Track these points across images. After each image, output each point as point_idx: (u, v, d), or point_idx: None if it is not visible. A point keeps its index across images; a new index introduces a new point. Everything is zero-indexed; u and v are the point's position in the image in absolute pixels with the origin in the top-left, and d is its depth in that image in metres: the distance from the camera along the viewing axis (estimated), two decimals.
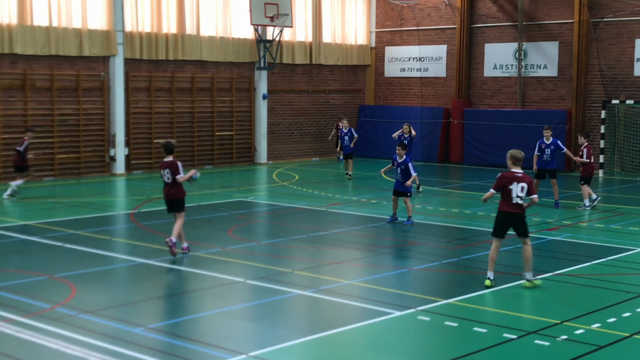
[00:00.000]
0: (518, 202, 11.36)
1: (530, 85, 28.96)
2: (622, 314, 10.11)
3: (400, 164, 16.55)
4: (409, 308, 10.29)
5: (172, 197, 13.29)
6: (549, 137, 19.29)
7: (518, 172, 11.42)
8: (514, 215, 11.43)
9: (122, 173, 25.15)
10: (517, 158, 11.53)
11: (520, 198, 11.34)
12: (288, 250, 14.39)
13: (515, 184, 11.31)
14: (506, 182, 11.38)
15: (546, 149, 19.29)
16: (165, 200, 13.43)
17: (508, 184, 11.36)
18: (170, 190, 13.28)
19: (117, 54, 24.95)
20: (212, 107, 27.75)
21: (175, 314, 10.21)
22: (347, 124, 25.53)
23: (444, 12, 30.82)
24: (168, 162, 13.19)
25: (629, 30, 26.54)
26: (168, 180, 13.23)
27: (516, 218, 11.46)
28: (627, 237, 15.51)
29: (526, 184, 11.32)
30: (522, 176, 11.37)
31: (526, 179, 11.37)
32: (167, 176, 13.21)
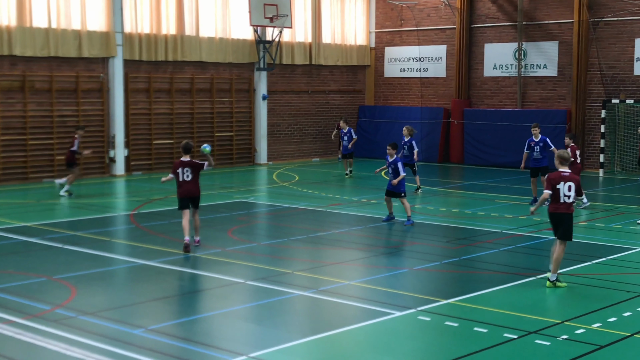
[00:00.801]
0: (566, 201, 11.49)
1: (530, 85, 28.95)
2: (622, 314, 10.10)
3: (391, 163, 16.64)
4: (409, 308, 10.28)
5: (194, 194, 14.00)
6: (537, 134, 19.47)
7: (565, 172, 11.57)
8: (562, 215, 11.55)
9: (122, 174, 25.14)
10: (563, 158, 11.70)
11: (568, 197, 11.48)
12: (288, 251, 14.38)
13: (563, 183, 11.46)
14: (554, 183, 11.51)
15: (535, 147, 19.47)
16: (186, 197, 13.94)
17: (556, 184, 11.49)
18: (192, 188, 13.92)
19: (116, 55, 24.94)
20: (212, 108, 27.74)
21: (175, 315, 10.20)
22: (345, 124, 25.68)
23: (444, 12, 30.81)
24: (188, 162, 13.86)
25: (629, 30, 26.53)
26: (187, 178, 13.83)
27: (563, 218, 11.56)
28: (628, 236, 15.50)
29: (573, 183, 11.46)
30: (569, 175, 11.54)
31: (573, 178, 11.51)
32: (187, 174, 13.81)
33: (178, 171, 13.89)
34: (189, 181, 13.87)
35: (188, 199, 14.00)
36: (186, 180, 13.87)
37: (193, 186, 13.95)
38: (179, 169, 13.87)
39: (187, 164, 13.87)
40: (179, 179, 13.91)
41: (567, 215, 11.52)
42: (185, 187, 13.92)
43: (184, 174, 13.85)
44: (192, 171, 13.87)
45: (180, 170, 13.86)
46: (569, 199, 11.45)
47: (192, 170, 13.87)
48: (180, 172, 13.87)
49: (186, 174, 13.84)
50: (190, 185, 13.92)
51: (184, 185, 13.90)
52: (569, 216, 11.54)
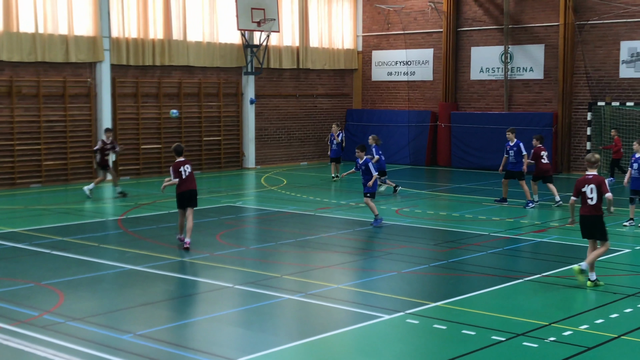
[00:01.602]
0: (590, 203, 11.73)
1: (517, 88, 29.08)
2: (609, 315, 10.16)
3: (361, 165, 16.84)
4: (397, 311, 10.31)
5: (194, 187, 14.76)
6: (512, 138, 19.86)
7: (589, 175, 11.88)
8: (590, 217, 11.77)
9: (110, 179, 25.03)
10: (589, 161, 12.01)
11: (591, 199, 11.73)
12: (277, 254, 14.39)
13: (587, 186, 11.77)
14: (579, 187, 11.86)
15: (510, 151, 19.86)
16: (186, 191, 14.60)
17: (581, 188, 11.83)
18: (192, 183, 14.72)
19: (103, 60, 24.90)
20: (200, 112, 27.72)
21: (163, 320, 10.19)
22: (336, 128, 25.96)
23: (430, 16, 30.92)
24: (184, 161, 14.68)
25: (614, 33, 26.70)
26: (188, 174, 14.64)
27: (592, 220, 11.77)
28: (615, 238, 15.55)
29: (595, 185, 11.68)
30: (592, 178, 11.82)
31: (595, 180, 11.73)
32: (188, 170, 14.65)
33: (180, 170, 14.58)
34: (189, 176, 14.67)
35: (188, 193, 14.66)
36: (187, 177, 14.64)
37: (192, 181, 14.77)
38: (181, 168, 14.59)
39: (185, 162, 14.71)
40: (182, 177, 14.59)
41: (595, 217, 11.75)
42: (186, 183, 14.65)
43: (185, 171, 14.61)
44: (190, 167, 14.77)
45: (182, 169, 14.60)
46: (592, 200, 11.70)
47: (190, 167, 14.77)
48: (182, 170, 14.59)
49: (186, 171, 14.63)
50: (190, 181, 14.70)
51: (186, 181, 14.63)
52: (597, 218, 11.77)
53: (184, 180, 14.63)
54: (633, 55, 26.34)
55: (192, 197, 14.77)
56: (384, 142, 31.22)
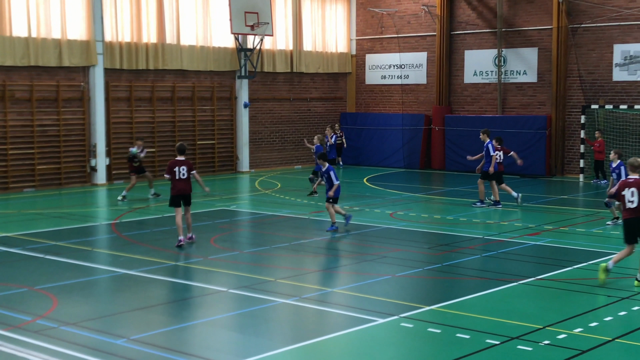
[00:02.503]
0: (630, 206, 11.86)
1: (510, 91, 29.13)
2: (604, 318, 10.17)
3: (324, 173, 16.90)
4: (392, 315, 10.30)
5: (187, 192, 15.05)
6: (485, 139, 20.24)
7: (631, 178, 12.08)
8: (631, 220, 11.91)
9: (104, 183, 25.04)
10: (633, 165, 12.23)
11: (631, 202, 11.86)
12: (271, 258, 14.37)
13: (627, 189, 11.93)
14: (620, 190, 12.09)
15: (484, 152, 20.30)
16: (179, 194, 14.99)
17: (621, 191, 12.05)
18: (186, 186, 14.98)
19: (97, 64, 24.86)
20: (194, 116, 27.70)
21: (157, 324, 10.16)
22: (330, 131, 26.11)
23: (424, 19, 30.96)
24: (183, 161, 14.96)
25: (607, 36, 26.77)
26: (183, 176, 14.91)
27: (634, 222, 11.87)
28: (608, 241, 15.61)
29: (635, 188, 11.88)
30: (633, 181, 11.96)
31: (636, 184, 11.91)
32: (183, 172, 14.89)
33: (175, 169, 14.85)
34: (184, 179, 14.90)
35: (181, 196, 14.99)
36: (182, 179, 14.90)
37: (187, 184, 15.00)
38: (176, 168, 14.86)
39: (183, 162, 14.92)
40: (175, 177, 14.88)
41: (635, 219, 11.87)
42: (180, 186, 14.93)
43: (180, 172, 14.88)
44: (187, 170, 14.94)
45: (177, 169, 14.87)
46: (633, 204, 11.82)
47: (187, 169, 14.93)
48: (177, 170, 14.86)
49: (182, 172, 14.88)
50: (184, 184, 14.94)
51: (179, 183, 14.92)
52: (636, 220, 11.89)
53: (179, 182, 14.93)
54: (626, 59, 26.40)
55: (185, 199, 15.12)
56: (378, 146, 31.32)
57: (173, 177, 14.92)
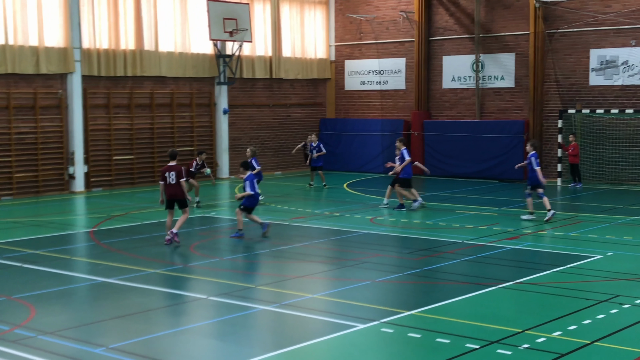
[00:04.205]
0: None
1: (488, 96, 29.29)
2: (582, 322, 10.22)
3: (245, 180, 17.05)
4: (372, 320, 10.30)
5: (175, 197, 15.72)
6: (400, 147, 21.08)
7: None
8: None
9: (82, 191, 24.88)
10: None
11: None
12: (251, 265, 14.34)
13: None
14: None
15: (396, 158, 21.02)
16: (170, 199, 15.75)
17: None
18: (175, 190, 15.64)
19: (74, 71, 24.73)
20: (172, 122, 27.61)
21: (136, 333, 10.09)
22: (315, 138, 26.20)
23: (402, 25, 31.08)
24: (173, 166, 15.66)
25: (584, 41, 26.99)
26: (172, 181, 15.58)
27: None
28: (586, 244, 15.73)
29: None
30: None
31: None
32: (172, 177, 15.55)
33: (165, 175, 15.63)
34: (173, 184, 15.59)
35: (172, 200, 15.77)
36: (171, 184, 15.61)
37: (176, 189, 15.63)
38: (166, 173, 15.63)
39: (172, 168, 15.65)
40: (166, 182, 15.63)
41: None
42: (169, 190, 15.68)
43: (170, 177, 15.58)
44: (176, 175, 15.56)
45: (167, 174, 15.61)
46: None
47: (176, 174, 15.56)
48: (167, 175, 15.60)
49: (171, 178, 15.58)
50: (173, 188, 15.63)
51: (169, 188, 15.66)
52: None
53: (168, 187, 15.65)
54: (602, 63, 26.64)
55: (178, 203, 15.84)
56: (358, 151, 31.37)
57: (165, 182, 15.67)
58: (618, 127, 26.19)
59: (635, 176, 25.89)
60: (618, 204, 21.84)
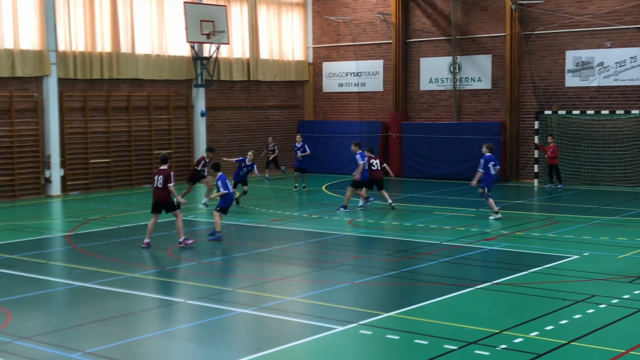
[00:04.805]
0: None
1: (466, 98, 29.43)
2: (559, 322, 10.29)
3: (216, 181, 17.29)
4: (351, 323, 10.31)
5: (161, 200, 15.67)
6: (355, 150, 21.28)
7: None
8: None
9: (58, 194, 24.69)
10: None
11: None
12: (229, 268, 14.30)
13: None
14: None
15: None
16: (155, 202, 15.74)
17: None
18: (160, 194, 15.60)
19: (50, 74, 24.55)
20: (150, 125, 27.47)
21: (114, 337, 10.02)
22: (300, 138, 26.24)
23: (380, 27, 31.15)
24: (162, 170, 15.63)
25: (560, 43, 27.19)
26: (160, 185, 15.54)
27: None
28: (563, 245, 15.83)
29: None
30: None
31: None
32: (159, 181, 15.53)
33: (154, 178, 15.68)
34: (160, 188, 15.58)
35: (157, 204, 15.74)
36: (158, 187, 15.62)
37: (161, 192, 15.59)
38: (155, 176, 15.67)
39: (161, 172, 15.60)
40: (154, 185, 15.71)
41: None
42: (156, 193, 15.71)
43: (157, 180, 15.60)
44: (163, 179, 15.48)
45: (156, 178, 15.64)
46: None
47: (163, 179, 15.48)
48: (155, 178, 15.65)
49: (158, 181, 15.57)
50: (159, 192, 15.61)
51: (155, 191, 15.70)
52: None
53: (155, 190, 15.71)
54: (578, 65, 26.85)
55: (162, 207, 15.77)
56: (336, 153, 31.36)
57: (153, 185, 15.81)
58: (594, 128, 26.41)
59: (612, 177, 26.12)
60: (594, 204, 22.01)
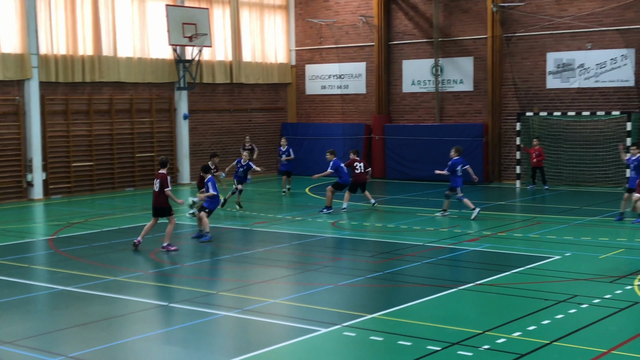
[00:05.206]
0: None
1: (448, 100, 29.54)
2: (541, 322, 10.36)
3: (206, 182, 17.32)
4: (334, 324, 10.33)
5: (158, 205, 15.90)
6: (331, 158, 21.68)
7: None
8: None
9: (40, 198, 24.56)
10: None
11: None
12: (213, 271, 14.28)
13: None
14: None
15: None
16: (153, 206, 16.05)
17: None
18: (157, 198, 15.82)
19: (32, 78, 24.41)
20: (132, 128, 27.38)
21: (96, 341, 9.99)
22: (284, 142, 26.29)
23: (362, 30, 31.21)
24: (159, 174, 15.80)
25: (540, 44, 27.36)
26: (156, 189, 15.75)
27: None
28: (545, 245, 15.93)
29: None
30: None
31: None
32: (157, 185, 15.73)
33: (154, 182, 15.93)
34: (156, 192, 15.79)
35: (154, 207, 16.01)
36: (155, 191, 15.84)
37: (158, 197, 15.81)
38: (154, 180, 15.88)
39: (158, 176, 15.78)
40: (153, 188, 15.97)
41: None
42: (154, 197, 15.95)
43: (155, 184, 15.83)
44: (160, 183, 15.67)
45: (154, 181, 15.87)
46: None
47: (160, 183, 15.67)
48: (154, 182, 15.87)
49: (155, 185, 15.80)
50: (157, 196, 15.85)
51: (154, 195, 15.94)
52: None
53: (153, 194, 15.93)
54: (559, 66, 27.03)
55: (157, 212, 15.98)
56: (320, 156, 31.36)
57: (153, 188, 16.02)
58: (575, 129, 26.59)
59: (593, 177, 26.30)
60: (576, 205, 22.16)
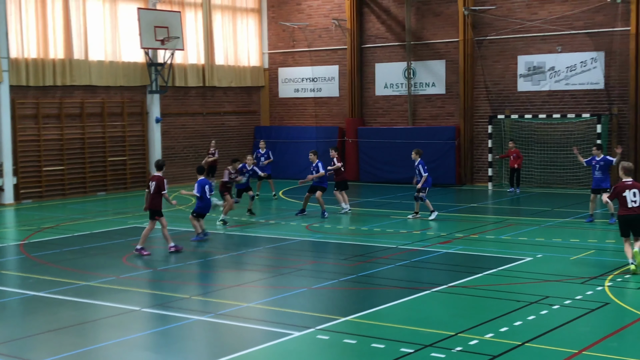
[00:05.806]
0: (633, 205, 13.17)
1: (420, 103, 29.68)
2: (513, 323, 10.43)
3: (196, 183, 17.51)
4: (308, 328, 10.33)
5: (152, 207, 15.97)
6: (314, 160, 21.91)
7: (628, 181, 13.37)
8: (632, 217, 13.16)
9: (11, 203, 24.32)
10: (627, 169, 13.55)
11: (634, 202, 13.18)
12: (186, 275, 14.22)
13: (628, 190, 13.23)
14: (620, 191, 13.31)
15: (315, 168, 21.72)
16: (148, 208, 16.09)
17: (622, 192, 13.27)
18: (152, 200, 15.89)
19: (2, 82, 24.17)
20: (104, 132, 27.20)
21: (69, 346, 9.90)
22: (263, 145, 26.36)
23: (335, 33, 31.27)
24: (155, 177, 15.91)
25: (512, 48, 27.59)
26: (152, 191, 15.81)
27: (633, 219, 13.15)
28: (517, 247, 16.05)
29: (637, 189, 13.21)
30: (632, 183, 13.32)
31: (636, 185, 13.27)
32: (152, 188, 15.79)
33: (149, 184, 15.95)
34: (152, 194, 15.85)
35: (149, 210, 16.04)
36: (150, 193, 15.91)
37: (153, 199, 15.88)
38: (150, 182, 15.96)
39: (154, 178, 15.91)
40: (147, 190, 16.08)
41: (635, 216, 13.13)
42: (149, 199, 16.00)
43: (151, 187, 15.86)
44: (155, 186, 15.78)
45: (150, 184, 15.91)
46: (636, 203, 13.15)
47: (155, 186, 15.78)
48: (150, 184, 15.91)
49: (151, 188, 15.86)
50: (151, 198, 15.91)
51: (149, 197, 15.99)
52: (637, 217, 13.14)
53: (148, 195, 16.00)
54: (530, 69, 27.27)
55: (154, 214, 15.99)
56: (292, 158, 31.37)
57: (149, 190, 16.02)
58: (546, 132, 26.83)
59: (563, 179, 26.55)
60: (547, 206, 22.35)
